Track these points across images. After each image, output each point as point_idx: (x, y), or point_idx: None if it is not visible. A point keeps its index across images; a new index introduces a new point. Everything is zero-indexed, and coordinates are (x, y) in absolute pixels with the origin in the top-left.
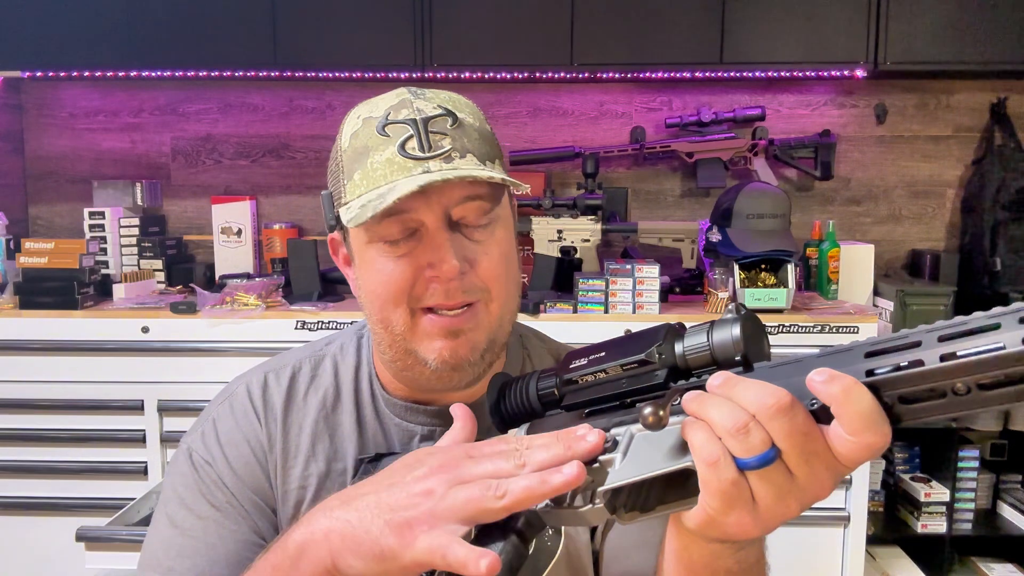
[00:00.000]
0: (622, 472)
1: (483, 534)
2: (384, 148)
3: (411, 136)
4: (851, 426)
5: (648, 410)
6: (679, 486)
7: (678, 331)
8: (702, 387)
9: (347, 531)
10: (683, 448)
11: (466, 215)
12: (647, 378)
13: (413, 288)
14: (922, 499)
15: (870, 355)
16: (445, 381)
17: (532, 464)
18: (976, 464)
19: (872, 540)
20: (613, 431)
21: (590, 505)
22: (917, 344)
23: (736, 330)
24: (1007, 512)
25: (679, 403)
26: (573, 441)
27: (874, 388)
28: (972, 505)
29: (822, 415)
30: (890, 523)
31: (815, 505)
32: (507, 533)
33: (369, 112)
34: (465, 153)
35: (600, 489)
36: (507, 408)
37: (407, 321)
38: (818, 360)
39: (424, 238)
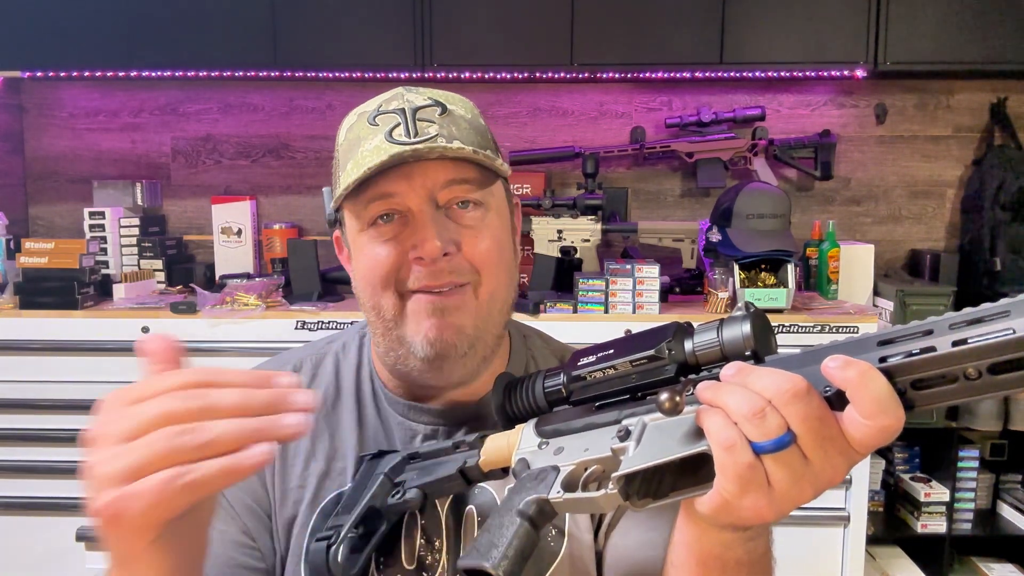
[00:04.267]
0: (636, 459)
1: (495, 517)
2: (373, 136)
3: (398, 124)
4: (866, 410)
5: (664, 396)
6: (690, 474)
7: (687, 329)
8: (715, 379)
9: None
10: (696, 435)
11: (452, 198)
12: (657, 373)
13: (399, 271)
14: (922, 499)
15: (883, 343)
16: (435, 372)
17: (217, 438)
18: (976, 464)
19: (872, 540)
20: (625, 421)
21: (603, 491)
22: (929, 332)
23: (747, 327)
24: (1007, 512)
25: (692, 393)
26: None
27: (888, 373)
28: (972, 505)
29: (836, 401)
30: (890, 523)
31: (815, 505)
32: (518, 519)
33: (364, 108)
34: (452, 140)
35: (615, 475)
36: (513, 407)
37: (396, 304)
38: (831, 349)
39: (411, 221)
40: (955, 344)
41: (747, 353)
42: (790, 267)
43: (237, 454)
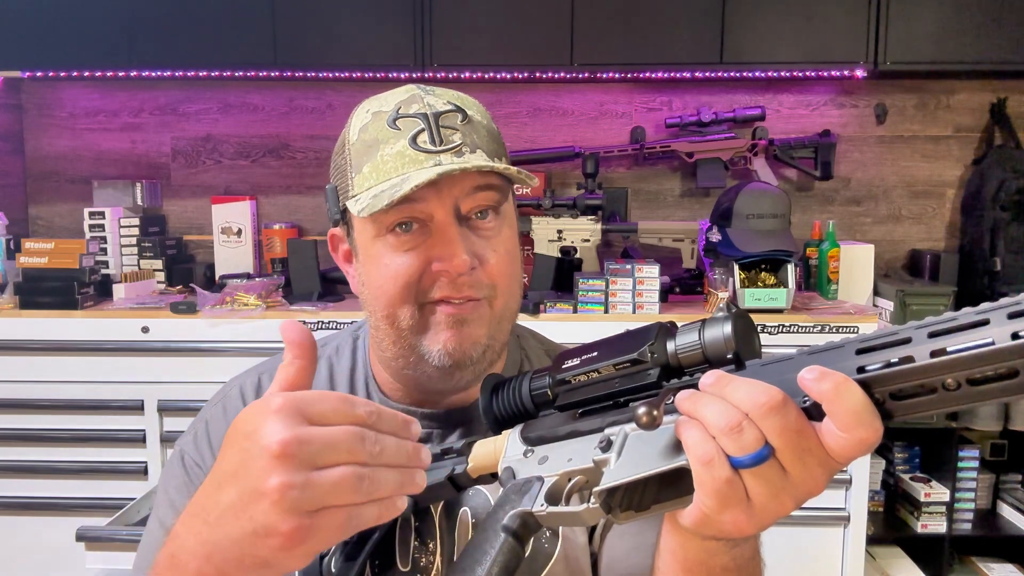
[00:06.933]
0: (617, 472)
1: (479, 533)
2: (395, 141)
3: (422, 130)
4: (843, 422)
5: (642, 410)
6: (674, 485)
7: (670, 330)
8: (695, 386)
9: (218, 556)
10: (677, 447)
11: (475, 208)
12: (640, 377)
13: (420, 282)
14: (922, 499)
15: (861, 352)
16: (447, 379)
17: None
18: (976, 464)
19: (872, 540)
20: (607, 431)
21: (585, 505)
22: (907, 340)
23: (727, 328)
24: (1007, 512)
25: (672, 402)
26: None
27: (865, 384)
28: (972, 505)
29: (814, 412)
30: (890, 523)
31: (815, 505)
32: (503, 534)
33: (379, 107)
34: (475, 148)
35: (596, 489)
36: (500, 409)
37: (414, 315)
38: (809, 358)
39: (434, 232)
40: (933, 355)
41: (729, 356)
42: (790, 267)
43: (390, 505)
